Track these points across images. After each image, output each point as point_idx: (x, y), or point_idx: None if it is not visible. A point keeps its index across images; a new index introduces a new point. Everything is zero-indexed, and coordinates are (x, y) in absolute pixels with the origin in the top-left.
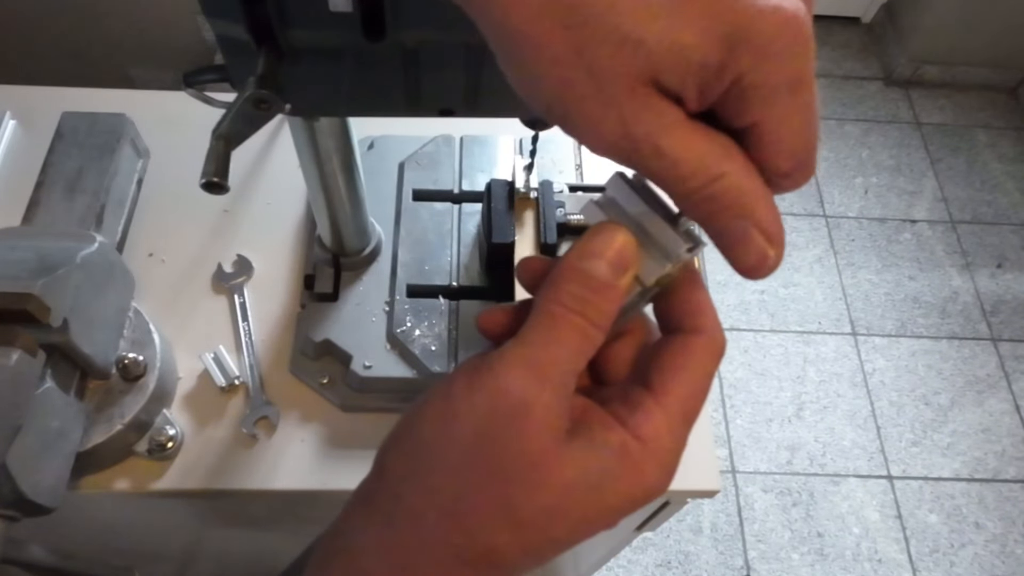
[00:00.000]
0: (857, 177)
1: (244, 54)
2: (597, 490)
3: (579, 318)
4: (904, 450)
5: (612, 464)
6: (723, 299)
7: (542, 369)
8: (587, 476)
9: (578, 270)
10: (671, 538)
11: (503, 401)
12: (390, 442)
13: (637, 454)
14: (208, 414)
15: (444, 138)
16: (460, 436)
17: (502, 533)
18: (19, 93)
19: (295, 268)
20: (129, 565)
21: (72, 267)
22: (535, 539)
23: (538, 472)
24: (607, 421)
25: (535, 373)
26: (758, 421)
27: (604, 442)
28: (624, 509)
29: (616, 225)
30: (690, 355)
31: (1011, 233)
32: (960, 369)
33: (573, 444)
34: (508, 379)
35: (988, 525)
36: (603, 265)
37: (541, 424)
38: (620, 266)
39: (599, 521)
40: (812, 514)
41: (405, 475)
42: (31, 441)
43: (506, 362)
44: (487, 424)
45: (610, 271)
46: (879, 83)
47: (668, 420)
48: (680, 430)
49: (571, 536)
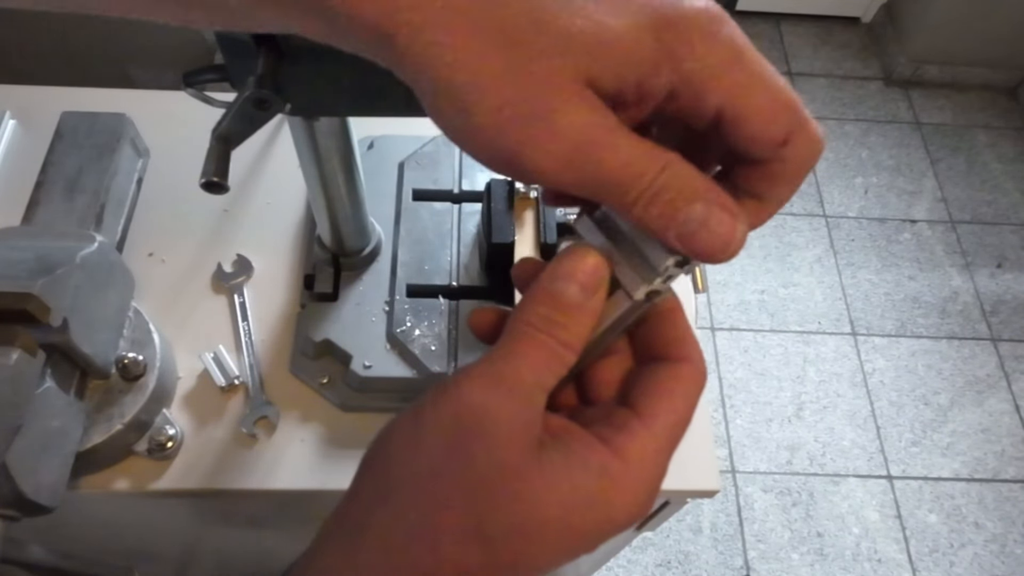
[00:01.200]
0: (857, 177)
1: (244, 54)
2: (574, 510)
3: (547, 337)
4: (904, 450)
5: (592, 484)
6: (723, 299)
7: (506, 383)
8: (562, 494)
9: (548, 291)
10: (671, 538)
11: (467, 414)
12: (363, 463)
13: (620, 475)
14: (208, 414)
15: (444, 138)
16: (426, 453)
17: (472, 553)
18: (19, 93)
19: (295, 268)
20: (129, 565)
21: (72, 267)
22: (508, 559)
23: (506, 486)
24: (588, 440)
25: (499, 386)
26: (758, 421)
27: (584, 462)
28: (604, 532)
29: (587, 248)
30: (679, 382)
31: (1011, 233)
32: (960, 369)
33: (545, 459)
34: (472, 393)
35: (988, 525)
36: (572, 287)
37: (507, 437)
38: (590, 288)
39: (577, 543)
40: (812, 514)
41: (374, 496)
42: (31, 441)
43: (470, 377)
44: (452, 439)
45: (580, 293)
46: (879, 83)
47: (655, 443)
48: (664, 456)
49: (548, 558)
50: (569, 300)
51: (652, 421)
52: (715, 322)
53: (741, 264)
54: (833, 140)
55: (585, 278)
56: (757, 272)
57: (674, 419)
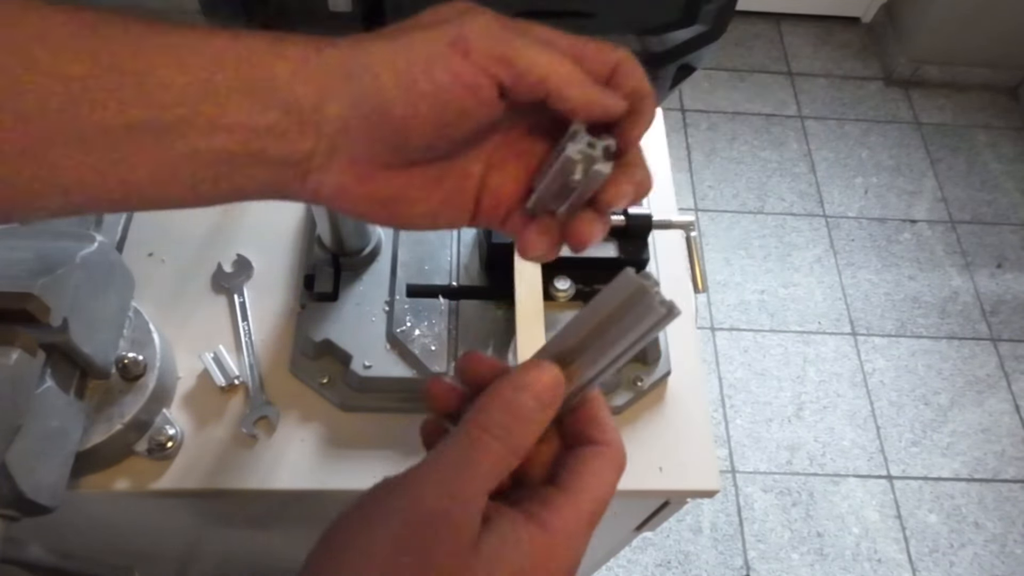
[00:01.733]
0: (857, 177)
1: None
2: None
3: (499, 444)
4: (904, 450)
5: (524, 559)
6: (723, 299)
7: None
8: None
9: (507, 400)
10: (671, 538)
11: (417, 520)
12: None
13: (546, 546)
14: (208, 414)
15: None
16: (378, 554)
17: None
18: None
19: (295, 268)
20: (129, 565)
21: (72, 267)
22: None
23: None
24: (517, 518)
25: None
26: (758, 421)
27: (516, 539)
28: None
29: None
30: (602, 462)
31: (1011, 233)
32: (960, 369)
33: (483, 546)
34: (424, 499)
35: (988, 525)
36: (530, 399)
37: (455, 539)
38: (546, 402)
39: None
40: (812, 514)
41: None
42: (31, 441)
43: (421, 483)
44: (402, 532)
45: (536, 406)
46: (879, 83)
47: (577, 517)
48: (586, 530)
49: None
50: (527, 413)
51: (576, 497)
52: (715, 322)
53: (741, 264)
54: (833, 140)
55: (543, 391)
56: (757, 272)
57: (596, 495)
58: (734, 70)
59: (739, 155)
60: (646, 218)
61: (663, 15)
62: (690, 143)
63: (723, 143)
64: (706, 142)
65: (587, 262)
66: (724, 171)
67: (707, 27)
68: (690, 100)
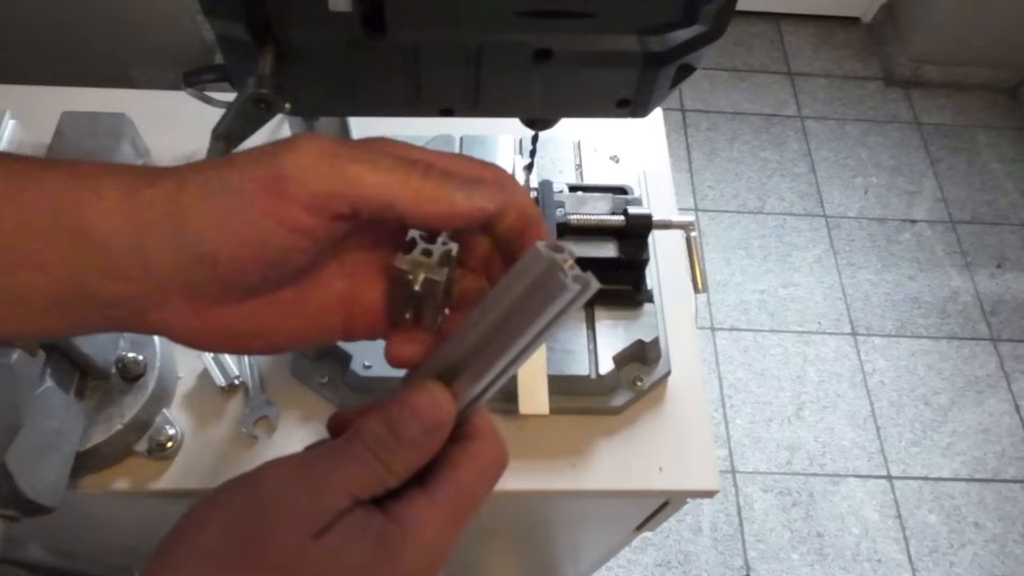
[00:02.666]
0: (857, 177)
1: (244, 54)
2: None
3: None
4: (904, 450)
5: (369, 552)
6: (723, 299)
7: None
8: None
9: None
10: (671, 538)
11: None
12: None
13: (397, 541)
14: (208, 414)
15: (444, 138)
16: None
17: None
18: (19, 93)
19: None
20: (129, 565)
21: None
22: None
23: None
24: (368, 514)
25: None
26: (758, 421)
27: (362, 530)
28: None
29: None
30: (465, 456)
31: (1011, 233)
32: (960, 369)
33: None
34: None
35: (987, 525)
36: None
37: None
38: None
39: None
40: (812, 514)
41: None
42: (31, 441)
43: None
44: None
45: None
46: (879, 83)
47: (433, 511)
48: (446, 525)
49: None
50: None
51: (433, 491)
52: (715, 322)
53: (741, 264)
54: (833, 140)
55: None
56: (757, 272)
57: (457, 489)
58: (734, 70)
59: (739, 155)
60: (646, 218)
61: (663, 15)
62: (690, 143)
63: (723, 143)
64: (706, 142)
65: (587, 262)
66: (724, 171)
67: (707, 27)
68: (690, 100)
